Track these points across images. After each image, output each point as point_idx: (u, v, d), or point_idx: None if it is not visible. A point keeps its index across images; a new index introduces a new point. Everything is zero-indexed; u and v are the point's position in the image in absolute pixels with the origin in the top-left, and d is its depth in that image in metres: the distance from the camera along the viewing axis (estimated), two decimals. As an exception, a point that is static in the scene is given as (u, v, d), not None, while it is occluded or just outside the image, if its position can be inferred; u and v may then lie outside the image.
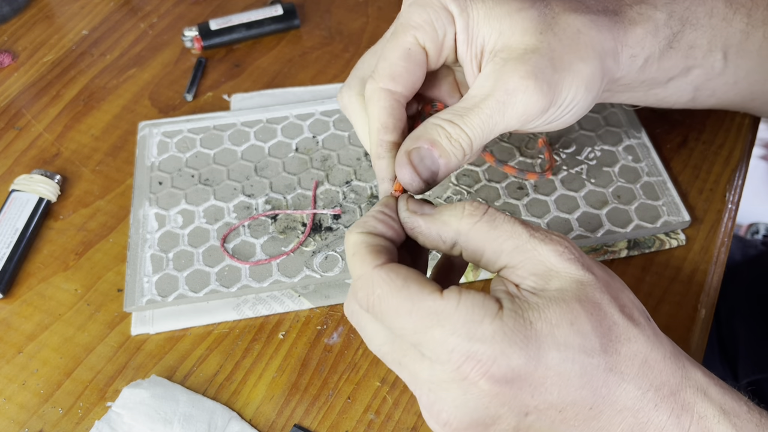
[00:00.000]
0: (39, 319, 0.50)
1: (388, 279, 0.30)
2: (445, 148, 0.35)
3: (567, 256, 0.31)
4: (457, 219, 0.32)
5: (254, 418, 0.45)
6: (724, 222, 0.53)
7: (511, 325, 0.29)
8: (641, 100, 0.46)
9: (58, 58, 0.69)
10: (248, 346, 0.48)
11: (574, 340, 0.29)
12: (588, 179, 0.55)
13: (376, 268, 0.31)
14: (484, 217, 0.32)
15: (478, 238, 0.32)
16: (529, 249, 0.31)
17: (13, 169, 0.59)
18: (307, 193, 0.55)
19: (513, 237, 0.32)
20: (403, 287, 0.30)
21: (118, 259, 0.53)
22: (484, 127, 0.35)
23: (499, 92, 0.35)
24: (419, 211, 0.34)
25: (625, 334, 0.31)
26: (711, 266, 0.51)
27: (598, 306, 0.30)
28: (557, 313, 0.30)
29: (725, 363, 0.72)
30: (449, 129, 0.35)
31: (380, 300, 0.30)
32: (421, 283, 0.30)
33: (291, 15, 0.69)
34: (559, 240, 0.32)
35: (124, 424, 0.44)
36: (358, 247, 0.32)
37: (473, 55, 0.38)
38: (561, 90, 0.37)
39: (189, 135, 0.60)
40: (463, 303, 0.29)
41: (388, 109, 0.37)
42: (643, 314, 0.32)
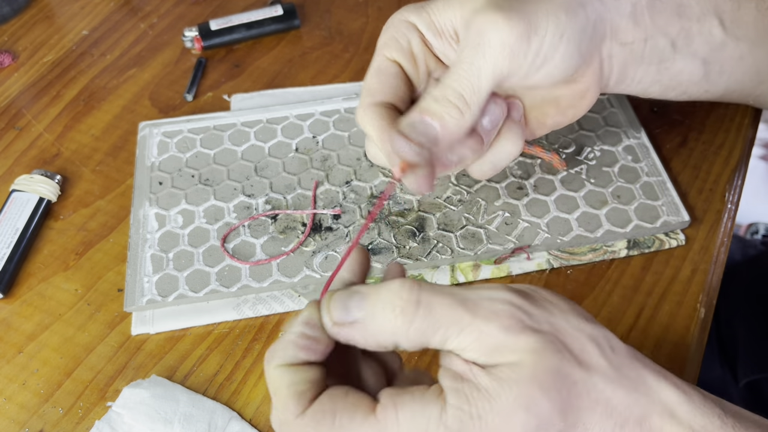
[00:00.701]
0: (39, 319, 0.50)
1: (316, 423, 0.28)
2: (436, 110, 0.35)
3: (515, 329, 0.29)
4: (391, 321, 0.29)
5: (254, 417, 0.45)
6: (723, 222, 0.53)
7: (456, 427, 0.27)
8: (656, 79, 0.46)
9: (58, 58, 0.69)
10: (248, 346, 0.48)
11: (530, 425, 0.28)
12: (588, 179, 0.55)
13: (299, 418, 0.28)
14: (419, 311, 0.29)
15: (418, 336, 0.29)
16: (474, 331, 0.29)
17: (14, 169, 0.59)
18: (307, 193, 0.55)
19: (455, 323, 0.29)
20: (332, 425, 0.28)
21: (119, 259, 0.53)
22: (468, 75, 0.35)
23: (471, 37, 0.36)
24: (348, 319, 0.29)
25: (584, 387, 0.29)
26: (711, 266, 0.51)
27: (556, 374, 0.29)
28: (511, 400, 0.28)
29: (725, 363, 0.72)
30: (435, 92, 0.35)
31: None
32: (349, 410, 0.28)
33: (291, 15, 0.69)
34: (503, 310, 0.29)
35: (125, 423, 0.44)
36: (277, 386, 0.29)
37: (450, 41, 0.39)
38: (537, 19, 0.36)
39: (189, 135, 0.60)
40: (402, 416, 0.28)
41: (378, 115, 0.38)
42: (601, 348, 0.30)
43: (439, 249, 0.51)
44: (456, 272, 0.51)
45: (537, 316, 0.30)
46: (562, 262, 0.51)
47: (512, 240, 0.51)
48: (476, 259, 0.51)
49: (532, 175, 0.55)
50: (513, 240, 0.51)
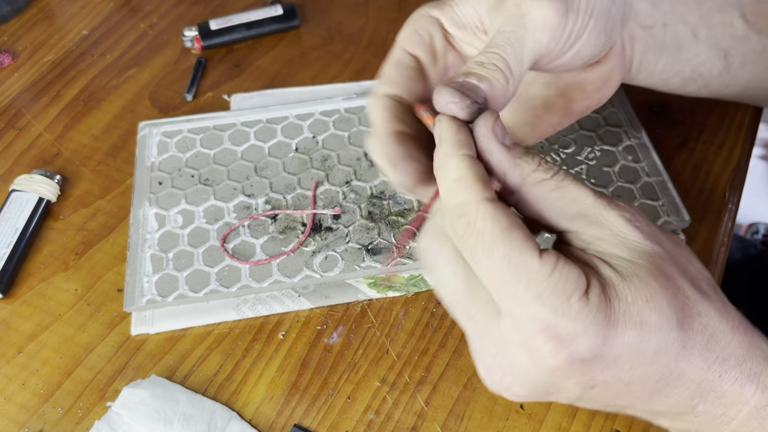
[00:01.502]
0: (39, 319, 0.50)
1: (496, 216, 0.29)
2: (481, 73, 0.33)
3: (633, 224, 0.30)
4: (530, 168, 0.31)
5: (254, 418, 0.45)
6: (724, 222, 0.53)
7: (596, 304, 0.28)
8: (677, 69, 0.46)
9: (58, 58, 0.69)
10: (248, 346, 0.48)
11: (650, 318, 0.28)
12: (588, 179, 0.55)
13: (485, 201, 0.29)
14: (554, 177, 0.31)
15: (541, 195, 0.31)
16: (594, 214, 0.30)
17: (13, 169, 0.59)
18: (307, 193, 0.55)
19: (578, 200, 0.30)
20: (506, 230, 0.28)
21: (118, 259, 0.53)
22: (511, 42, 0.34)
23: (510, 10, 0.35)
24: (501, 138, 0.31)
25: (696, 309, 0.30)
26: (711, 266, 0.51)
27: (671, 280, 0.30)
28: (632, 289, 0.29)
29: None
30: (479, 57, 0.34)
31: (479, 234, 0.29)
32: (525, 236, 0.29)
33: (291, 15, 0.69)
34: (625, 206, 0.31)
35: (124, 424, 0.44)
36: (464, 171, 0.30)
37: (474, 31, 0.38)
38: None
39: (189, 135, 0.60)
40: (558, 272, 0.28)
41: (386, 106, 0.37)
42: (711, 285, 0.32)
43: (439, 249, 0.51)
44: (456, 272, 0.51)
45: (657, 233, 0.31)
46: (563, 262, 0.51)
47: (512, 240, 0.51)
48: (476, 259, 0.51)
49: (533, 175, 0.55)
50: (513, 240, 0.51)
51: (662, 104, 0.61)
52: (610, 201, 0.31)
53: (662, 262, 0.30)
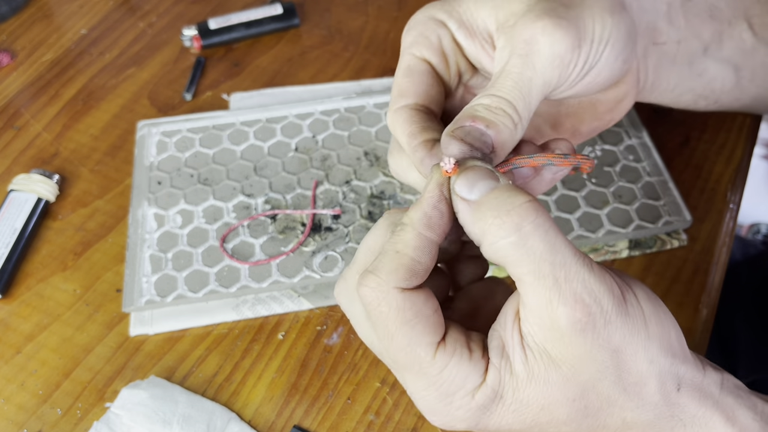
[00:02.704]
0: (38, 319, 0.50)
1: (402, 307, 0.29)
2: (489, 118, 0.32)
3: (579, 327, 0.28)
4: (487, 224, 0.29)
5: (254, 419, 0.45)
6: (725, 222, 0.53)
7: (479, 403, 0.29)
8: (690, 87, 0.45)
9: (56, 57, 0.68)
10: (247, 347, 0.48)
11: (540, 419, 0.30)
12: (589, 179, 0.54)
13: (397, 290, 0.29)
14: (512, 236, 0.28)
15: (497, 256, 0.29)
16: (545, 298, 0.28)
17: (12, 168, 0.59)
18: (307, 193, 0.55)
19: (535, 275, 0.28)
20: (408, 323, 0.29)
21: (117, 259, 0.53)
22: (519, 86, 0.32)
23: (518, 46, 0.33)
24: (464, 195, 0.30)
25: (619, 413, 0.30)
26: (712, 266, 0.51)
27: (591, 388, 0.29)
28: (533, 393, 0.29)
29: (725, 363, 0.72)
30: (485, 101, 0.32)
31: (382, 317, 0.29)
32: (427, 329, 0.29)
33: (290, 14, 0.69)
34: (582, 306, 0.27)
35: (123, 425, 0.44)
36: (406, 251, 0.30)
37: (482, 43, 0.37)
38: (584, 23, 0.34)
39: (188, 134, 0.59)
40: (447, 371, 0.29)
41: (407, 119, 0.35)
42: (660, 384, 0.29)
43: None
44: (456, 272, 0.51)
45: (616, 329, 0.28)
46: (563, 262, 0.51)
47: (513, 240, 0.51)
48: (477, 260, 0.51)
49: (533, 174, 0.55)
50: (514, 240, 0.51)
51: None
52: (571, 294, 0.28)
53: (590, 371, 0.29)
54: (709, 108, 0.48)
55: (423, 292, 0.30)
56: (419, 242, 0.30)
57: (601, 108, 0.41)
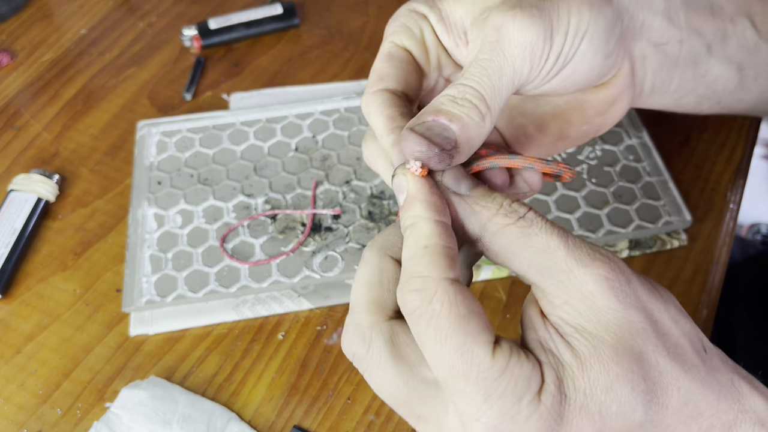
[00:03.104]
0: (38, 319, 0.50)
1: (454, 300, 0.27)
2: (453, 111, 0.30)
3: (608, 285, 0.27)
4: (490, 213, 0.28)
5: (254, 419, 0.45)
6: (725, 222, 0.53)
7: (548, 407, 0.26)
8: (691, 88, 0.43)
9: (56, 57, 0.68)
10: (247, 347, 0.48)
11: (609, 409, 0.27)
12: (589, 179, 0.54)
13: (446, 281, 0.27)
14: (519, 221, 0.28)
15: (504, 245, 0.28)
16: (563, 270, 0.27)
17: (12, 168, 0.59)
18: (307, 193, 0.55)
19: (546, 252, 0.27)
20: (463, 318, 0.27)
21: (117, 259, 0.53)
22: (488, 73, 0.31)
23: (489, 34, 0.32)
24: (453, 188, 0.30)
25: (674, 384, 0.28)
26: (713, 266, 0.51)
27: (641, 358, 0.27)
28: (591, 379, 0.27)
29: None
30: (451, 91, 0.31)
31: (434, 316, 0.27)
32: (481, 327, 0.27)
33: (290, 14, 0.69)
34: (603, 261, 0.27)
35: (123, 425, 0.44)
36: (434, 240, 0.28)
37: (457, 40, 0.36)
38: (559, 14, 0.33)
39: (188, 134, 0.59)
40: (510, 371, 0.26)
41: (386, 102, 0.34)
42: (696, 348, 0.29)
43: (439, 249, 0.51)
44: (456, 272, 0.50)
45: (638, 287, 0.28)
46: (563, 262, 0.51)
47: (513, 240, 0.51)
48: (477, 260, 0.51)
49: (533, 174, 0.55)
50: (514, 240, 0.51)
51: (663, 103, 0.61)
52: (587, 253, 0.27)
53: (634, 336, 0.27)
54: (712, 110, 0.46)
55: (468, 289, 0.28)
56: (440, 229, 0.28)
57: (590, 110, 0.40)
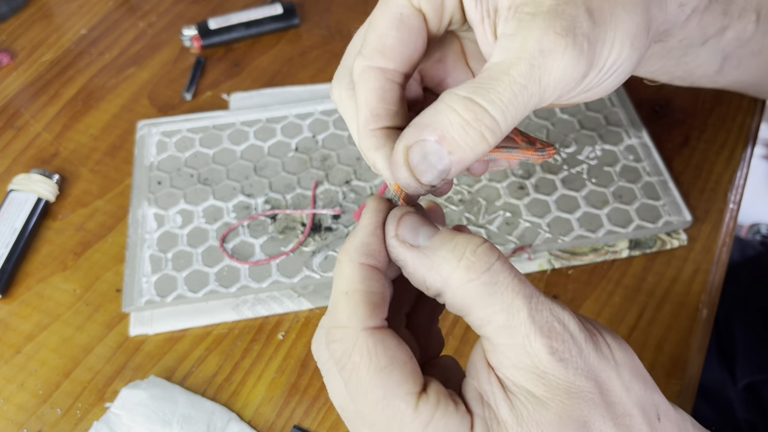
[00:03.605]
0: (37, 319, 0.50)
1: (374, 351, 0.26)
2: (459, 142, 0.27)
3: (559, 357, 0.26)
4: (451, 267, 0.26)
5: (254, 419, 0.45)
6: (725, 222, 0.53)
7: None
8: (671, 70, 0.43)
9: (56, 57, 0.68)
10: (247, 347, 0.48)
11: None
12: (589, 179, 0.54)
13: (365, 331, 0.26)
14: (483, 276, 0.26)
15: (466, 299, 0.26)
16: (521, 334, 0.26)
17: (12, 168, 0.59)
18: (307, 193, 0.55)
19: (508, 312, 0.26)
20: (383, 370, 0.26)
21: (117, 259, 0.53)
22: (517, 101, 0.27)
23: (533, 53, 0.28)
24: (411, 241, 0.27)
25: None
26: (713, 266, 0.51)
27: (585, 426, 0.26)
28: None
29: (723, 364, 0.72)
30: (466, 114, 0.27)
31: (355, 369, 0.26)
32: (404, 377, 0.26)
33: (290, 14, 0.69)
34: (557, 333, 0.26)
35: (123, 425, 0.44)
36: (355, 287, 0.27)
37: (485, 14, 0.31)
38: (602, 49, 0.30)
39: (188, 134, 0.59)
40: (434, 425, 0.25)
41: (379, 92, 0.30)
42: (647, 416, 0.28)
43: (439, 249, 0.51)
44: (456, 272, 0.50)
45: (589, 356, 0.26)
46: (564, 262, 0.51)
47: (513, 240, 0.51)
48: (477, 260, 0.51)
49: (533, 174, 0.55)
50: (514, 240, 0.51)
51: (664, 103, 0.61)
52: (545, 320, 0.26)
53: (581, 405, 0.26)
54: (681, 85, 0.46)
55: (393, 335, 0.26)
56: (363, 272, 0.27)
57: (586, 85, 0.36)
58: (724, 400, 0.70)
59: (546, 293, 0.51)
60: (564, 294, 0.50)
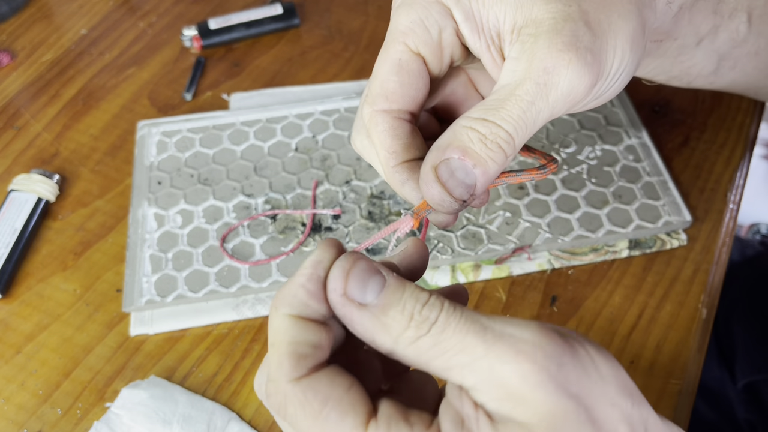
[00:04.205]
0: (38, 319, 0.50)
1: (304, 400, 0.25)
2: (480, 155, 0.29)
3: (535, 379, 0.24)
4: (400, 328, 0.26)
5: (254, 418, 0.45)
6: (725, 222, 0.53)
7: None
8: (667, 70, 0.43)
9: (56, 57, 0.68)
10: (248, 347, 0.48)
11: None
12: (588, 179, 0.54)
13: (291, 383, 0.25)
14: (431, 329, 0.25)
15: (419, 356, 0.26)
16: (484, 369, 0.25)
17: (12, 168, 0.59)
18: (307, 193, 0.55)
19: (464, 353, 0.25)
20: (319, 414, 0.25)
21: (117, 259, 0.53)
22: (526, 117, 0.29)
23: (537, 72, 0.29)
24: (359, 298, 0.26)
25: None
26: (712, 266, 0.51)
27: None
28: None
29: (723, 364, 0.72)
30: (482, 129, 0.29)
31: (293, 420, 0.26)
32: (342, 411, 0.25)
33: (290, 14, 0.69)
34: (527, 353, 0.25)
35: (123, 424, 0.44)
36: (279, 340, 0.26)
37: (489, 42, 0.32)
38: (606, 57, 0.31)
39: (188, 134, 0.59)
40: None
41: (389, 131, 0.32)
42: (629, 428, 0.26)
43: (439, 249, 0.51)
44: (456, 272, 0.51)
45: (569, 371, 0.25)
46: (563, 262, 0.51)
47: (513, 240, 0.51)
48: (477, 260, 0.51)
49: (533, 174, 0.55)
50: (514, 240, 0.51)
51: (664, 103, 0.61)
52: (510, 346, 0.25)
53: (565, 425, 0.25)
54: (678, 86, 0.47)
55: (324, 374, 0.26)
56: (288, 324, 0.26)
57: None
58: (724, 400, 0.70)
59: (546, 293, 0.52)
60: (564, 294, 0.50)
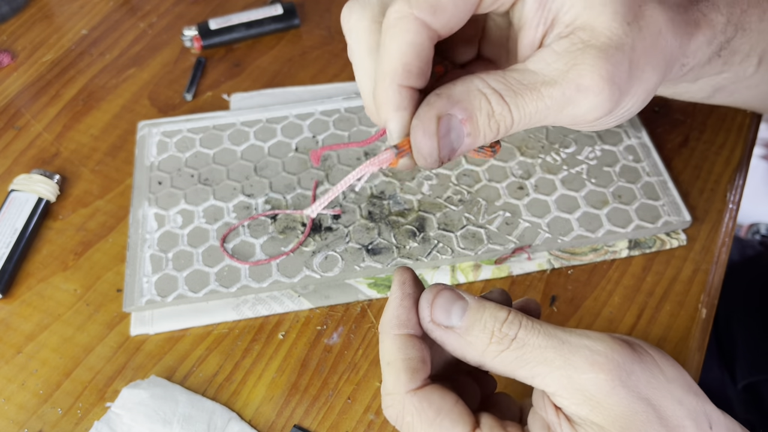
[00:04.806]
0: (38, 319, 0.50)
1: (420, 408, 0.29)
2: (480, 127, 0.28)
3: (608, 386, 0.28)
4: (485, 344, 0.30)
5: (254, 418, 0.45)
6: (725, 222, 0.53)
7: None
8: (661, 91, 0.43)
9: (57, 57, 0.69)
10: (248, 347, 0.48)
11: None
12: (588, 179, 0.55)
13: (409, 394, 0.30)
14: (512, 344, 0.29)
15: (504, 367, 0.30)
16: (564, 378, 0.28)
17: (12, 168, 0.59)
18: (307, 193, 0.55)
19: (544, 364, 0.29)
20: (434, 421, 0.29)
21: (118, 259, 0.53)
22: (535, 114, 0.29)
23: (570, 85, 0.29)
24: (445, 323, 0.30)
25: None
26: (712, 266, 0.51)
27: None
28: None
29: (723, 365, 0.72)
30: (495, 105, 0.28)
31: (410, 427, 0.30)
32: (453, 420, 0.29)
33: (291, 14, 0.69)
34: (601, 364, 0.28)
35: (124, 424, 0.44)
36: (393, 358, 0.30)
37: (541, 20, 0.31)
38: (626, 101, 0.31)
39: (188, 135, 0.59)
40: None
41: (417, 48, 0.28)
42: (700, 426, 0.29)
43: (439, 249, 0.51)
44: (456, 272, 0.51)
45: (638, 377, 0.29)
46: (563, 262, 0.51)
47: (513, 240, 0.51)
48: (477, 260, 0.51)
49: (533, 174, 0.55)
50: (514, 240, 0.51)
51: (663, 104, 0.61)
52: (584, 358, 0.28)
53: (638, 426, 0.28)
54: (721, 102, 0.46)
55: (436, 388, 0.30)
56: (399, 342, 0.30)
57: None
58: (724, 400, 0.70)
59: (546, 293, 0.52)
60: (564, 294, 0.50)
